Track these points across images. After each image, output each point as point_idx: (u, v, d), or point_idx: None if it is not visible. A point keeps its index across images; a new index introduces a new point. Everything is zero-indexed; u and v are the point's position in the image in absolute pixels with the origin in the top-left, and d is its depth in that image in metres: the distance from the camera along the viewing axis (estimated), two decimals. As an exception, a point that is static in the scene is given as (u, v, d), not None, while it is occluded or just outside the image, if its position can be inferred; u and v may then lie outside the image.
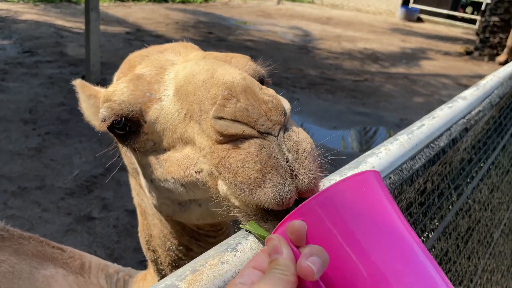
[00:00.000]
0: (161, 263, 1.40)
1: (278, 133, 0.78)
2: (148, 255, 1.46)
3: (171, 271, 1.37)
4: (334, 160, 0.95)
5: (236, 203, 0.80)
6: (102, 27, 9.73)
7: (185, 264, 1.31)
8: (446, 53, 14.83)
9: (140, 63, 1.14)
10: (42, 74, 7.59)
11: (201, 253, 1.28)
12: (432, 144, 1.55)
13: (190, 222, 1.19)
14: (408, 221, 1.33)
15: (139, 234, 1.49)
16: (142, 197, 1.34)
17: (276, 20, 17.09)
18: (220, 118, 0.78)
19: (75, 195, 4.30)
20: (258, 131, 0.77)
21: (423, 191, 1.43)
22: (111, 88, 1.04)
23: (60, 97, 6.71)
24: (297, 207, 0.64)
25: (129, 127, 1.01)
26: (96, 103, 1.35)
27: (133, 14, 14.23)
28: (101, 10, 11.29)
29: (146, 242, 1.44)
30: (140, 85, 1.01)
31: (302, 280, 0.59)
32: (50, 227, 3.80)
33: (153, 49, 1.22)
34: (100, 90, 1.40)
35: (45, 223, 3.84)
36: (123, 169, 4.83)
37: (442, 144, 1.61)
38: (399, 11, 22.97)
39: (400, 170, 1.33)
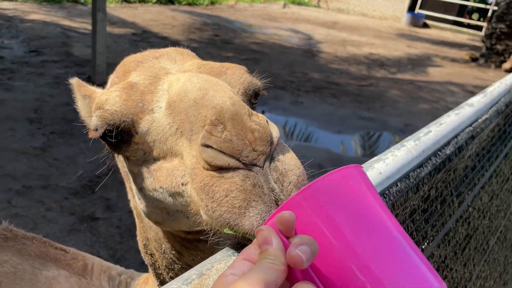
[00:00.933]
0: (158, 267, 1.40)
1: (264, 164, 0.78)
2: (146, 259, 1.46)
3: (167, 274, 1.37)
4: (337, 165, 0.95)
5: (220, 229, 0.81)
6: (108, 28, 9.77)
7: (179, 268, 1.31)
8: (452, 60, 14.80)
9: (134, 70, 1.13)
10: (48, 74, 7.63)
11: (192, 261, 1.27)
12: (439, 152, 1.54)
13: (180, 230, 1.17)
14: (410, 228, 1.32)
15: (138, 238, 1.48)
16: (136, 200, 1.31)
17: (282, 23, 17.12)
18: (207, 146, 0.79)
19: (79, 195, 4.31)
20: (243, 163, 0.77)
21: (427, 198, 1.42)
22: (104, 95, 1.03)
23: (66, 97, 6.74)
24: (284, 202, 0.65)
25: (121, 136, 1.01)
26: (90, 104, 1.34)
27: (140, 15, 14.29)
28: (108, 11, 11.35)
29: (144, 245, 1.43)
30: (133, 94, 1.01)
31: (292, 270, 0.60)
32: (53, 226, 3.81)
33: (148, 54, 1.21)
34: (96, 91, 1.39)
35: (48, 222, 3.85)
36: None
37: (448, 152, 1.60)
38: (405, 17, 22.96)
39: (407, 178, 1.32)
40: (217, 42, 11.99)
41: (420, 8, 23.32)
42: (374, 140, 7.35)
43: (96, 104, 1.03)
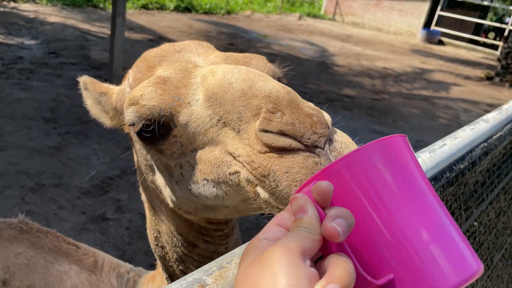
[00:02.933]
0: (169, 260, 1.42)
1: (324, 146, 0.80)
2: (156, 251, 1.48)
3: (178, 267, 1.39)
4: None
5: (281, 206, 0.82)
6: (126, 33, 9.93)
7: (190, 261, 1.34)
8: (467, 77, 14.72)
9: (159, 64, 1.15)
10: (66, 75, 7.77)
11: (207, 249, 1.30)
12: (453, 166, 1.55)
13: (208, 218, 1.20)
14: None
15: (148, 231, 1.50)
16: (150, 192, 1.34)
17: (297, 35, 17.22)
18: (266, 131, 0.81)
19: (91, 195, 4.36)
20: (305, 145, 0.79)
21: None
22: (137, 91, 1.03)
23: (82, 98, 6.84)
24: (323, 168, 0.64)
25: (158, 130, 1.01)
26: (109, 101, 1.34)
27: (157, 22, 14.50)
28: (126, 17, 11.54)
29: (155, 238, 1.45)
30: (168, 89, 1.01)
31: (326, 241, 0.58)
32: (64, 224, 3.86)
33: (169, 48, 1.22)
34: (111, 87, 1.39)
35: (60, 220, 3.90)
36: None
37: (462, 166, 1.61)
38: (420, 33, 22.94)
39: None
40: (232, 50, 12.07)
41: (436, 25, 23.29)
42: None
43: (130, 100, 1.04)
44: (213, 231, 1.29)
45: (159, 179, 1.16)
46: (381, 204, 0.60)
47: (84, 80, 1.40)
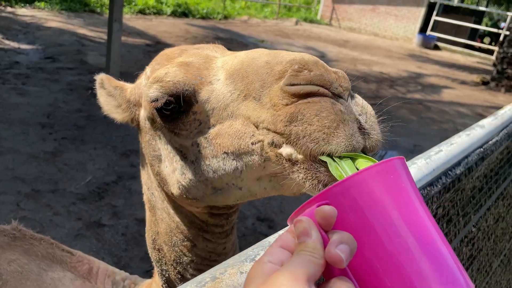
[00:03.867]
0: (165, 263, 1.43)
1: (347, 98, 0.85)
2: (153, 255, 1.48)
3: (174, 269, 1.40)
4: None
5: (302, 158, 0.84)
6: (123, 38, 9.92)
7: (188, 261, 1.35)
8: (463, 82, 14.78)
9: (180, 56, 1.20)
10: (62, 80, 7.75)
11: (205, 248, 1.31)
12: (449, 172, 1.55)
13: (222, 204, 1.20)
14: None
15: (146, 234, 1.51)
16: (152, 191, 1.37)
17: (294, 40, 17.27)
18: (293, 84, 0.84)
19: (87, 201, 4.34)
20: (332, 93, 0.83)
21: (434, 216, 1.43)
22: (162, 70, 1.09)
23: (78, 103, 6.83)
24: (322, 191, 0.64)
25: (179, 106, 1.06)
26: (122, 93, 1.40)
27: (154, 27, 14.51)
28: (123, 22, 11.54)
29: (153, 240, 1.46)
30: (190, 70, 1.08)
31: (329, 265, 0.59)
32: (60, 230, 3.83)
33: (187, 46, 1.29)
34: (125, 84, 1.47)
35: (55, 226, 3.88)
36: (135, 177, 4.87)
37: (458, 172, 1.61)
38: (416, 38, 23.05)
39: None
40: (229, 55, 12.10)
41: (432, 30, 23.42)
42: (378, 159, 7.31)
43: (154, 78, 1.09)
44: (213, 227, 1.31)
45: (166, 168, 1.19)
46: (379, 229, 0.61)
47: (101, 77, 1.46)
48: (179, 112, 1.07)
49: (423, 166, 1.38)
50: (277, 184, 0.97)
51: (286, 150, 0.86)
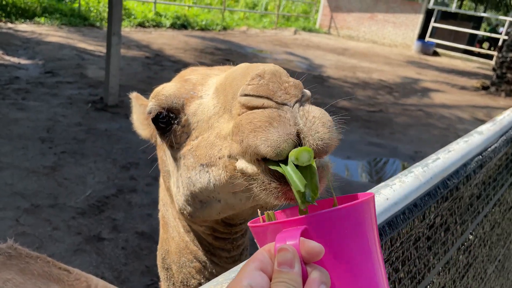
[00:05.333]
0: (173, 284, 1.42)
1: (294, 105, 0.83)
2: (162, 274, 1.49)
3: None
4: (346, 191, 0.95)
5: (245, 159, 0.85)
6: (122, 51, 9.98)
7: (195, 284, 1.34)
8: (462, 87, 14.79)
9: (189, 74, 1.26)
10: (62, 95, 7.77)
11: (214, 272, 1.30)
12: (447, 181, 1.53)
13: (211, 218, 1.20)
14: (413, 255, 1.31)
15: (157, 252, 1.52)
16: (167, 207, 1.39)
17: (293, 49, 17.34)
18: (246, 95, 0.85)
19: (86, 215, 4.32)
20: (276, 102, 0.82)
21: (432, 226, 1.41)
22: (160, 86, 1.18)
23: (78, 117, 6.84)
24: (302, 216, 0.64)
25: (170, 119, 1.11)
26: (144, 110, 1.46)
27: (153, 39, 14.60)
28: (123, 35, 11.61)
29: (162, 259, 1.46)
30: (186, 85, 1.14)
31: None
32: (59, 245, 3.80)
33: (199, 67, 1.35)
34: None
35: (54, 241, 3.85)
36: (135, 190, 4.85)
37: (456, 180, 1.59)
38: (415, 44, 23.14)
39: (414, 206, 1.31)
40: (228, 65, 12.14)
41: (430, 36, 23.51)
42: (381, 166, 7.29)
43: (153, 93, 1.17)
44: (220, 251, 1.31)
45: (172, 182, 1.22)
46: (338, 264, 0.64)
47: (133, 95, 1.55)
48: (171, 125, 1.11)
49: (420, 174, 1.36)
50: (250, 196, 0.97)
51: (239, 163, 0.88)
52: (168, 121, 1.12)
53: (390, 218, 1.19)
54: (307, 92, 0.90)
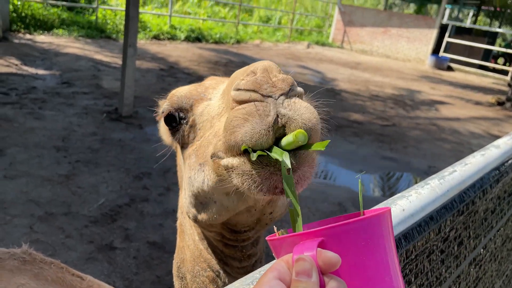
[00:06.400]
0: None
1: (278, 97, 0.84)
2: (176, 283, 1.50)
3: None
4: (358, 205, 0.95)
5: (228, 154, 0.88)
6: (137, 63, 10.13)
7: None
8: (477, 103, 14.65)
9: (207, 81, 1.32)
10: (78, 105, 7.90)
11: (226, 282, 1.30)
12: (463, 194, 1.52)
13: (211, 221, 1.21)
14: (426, 268, 1.29)
15: (173, 261, 1.53)
16: (184, 215, 1.41)
17: (305, 63, 17.41)
18: (238, 90, 0.87)
19: (99, 224, 4.34)
20: (261, 94, 0.84)
21: (446, 239, 1.39)
22: (175, 90, 1.26)
23: (93, 127, 6.93)
24: (313, 230, 0.65)
25: (180, 118, 1.17)
26: None
27: (168, 52, 14.80)
28: (138, 47, 11.80)
29: (177, 268, 1.48)
30: (199, 88, 1.21)
31: None
32: (72, 253, 3.82)
33: (222, 78, 1.40)
34: None
35: (67, 249, 3.88)
36: (147, 200, 4.85)
37: (472, 195, 1.57)
38: (428, 59, 23.05)
39: (430, 218, 1.30)
40: (241, 79, 12.21)
41: (445, 51, 23.41)
42: (394, 181, 7.22)
43: (169, 95, 1.24)
44: (231, 260, 1.31)
45: (186, 180, 1.23)
46: (355, 276, 0.64)
47: (162, 103, 1.60)
48: (181, 124, 1.18)
49: (436, 186, 1.35)
50: (241, 197, 1.00)
51: (224, 160, 0.91)
52: (178, 121, 1.18)
53: (406, 230, 1.18)
54: (299, 89, 0.92)
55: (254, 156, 0.81)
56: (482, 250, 1.74)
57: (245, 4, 24.97)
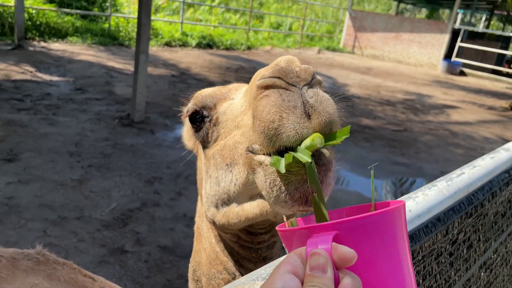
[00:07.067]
0: None
1: (302, 87, 0.89)
2: (191, 286, 1.51)
3: None
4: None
5: (263, 150, 0.91)
6: (149, 69, 10.25)
7: None
8: (490, 108, 14.48)
9: (230, 84, 1.36)
10: (91, 111, 8.01)
11: None
12: (471, 197, 1.51)
13: (230, 226, 1.22)
14: (435, 270, 1.29)
15: (189, 264, 1.55)
16: (202, 218, 1.43)
17: (316, 68, 17.22)
18: (263, 78, 0.92)
19: (111, 228, 4.39)
20: (286, 82, 0.88)
21: (455, 241, 1.38)
22: (200, 90, 1.30)
23: (105, 132, 7.03)
24: (328, 223, 0.65)
25: (204, 117, 1.20)
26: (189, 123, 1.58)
27: (179, 58, 14.94)
28: (150, 54, 11.94)
29: (193, 271, 1.49)
30: (222, 89, 1.26)
31: None
32: (84, 257, 3.87)
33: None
34: None
35: (80, 253, 3.93)
36: (158, 204, 4.91)
37: (481, 197, 1.56)
38: (441, 64, 22.87)
39: (437, 220, 1.30)
40: (252, 84, 12.26)
41: (457, 56, 23.21)
42: (407, 186, 7.16)
43: (194, 96, 1.29)
44: (247, 262, 1.32)
45: (206, 185, 1.25)
46: (369, 270, 0.64)
47: (184, 110, 1.63)
48: (204, 122, 1.20)
49: (444, 188, 1.35)
50: (262, 204, 1.01)
51: (258, 157, 0.93)
52: (202, 119, 1.20)
53: (412, 231, 1.18)
54: (318, 77, 0.96)
55: (283, 168, 0.83)
56: (492, 254, 1.73)
57: (256, 11, 25.11)
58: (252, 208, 1.04)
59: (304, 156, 0.80)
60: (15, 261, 1.76)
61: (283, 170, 0.83)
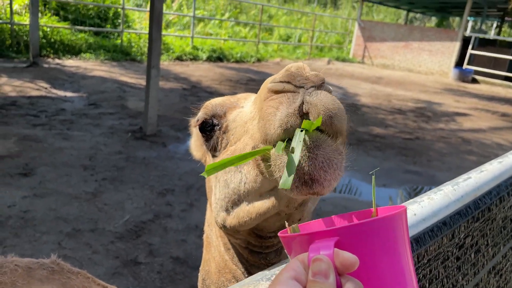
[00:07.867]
0: None
1: (309, 88, 0.91)
2: None
3: None
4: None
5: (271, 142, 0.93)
6: (161, 83, 10.39)
7: None
8: (503, 115, 14.31)
9: (240, 94, 1.40)
10: (104, 125, 8.14)
11: None
12: (478, 201, 1.52)
13: (241, 227, 1.22)
14: (441, 274, 1.29)
15: (199, 274, 1.56)
16: (211, 227, 1.44)
17: (326, 78, 17.28)
18: (273, 82, 0.95)
19: (124, 239, 4.44)
20: (294, 85, 0.91)
21: (462, 246, 1.39)
22: (210, 100, 1.33)
23: (119, 146, 7.13)
24: (329, 228, 0.66)
25: (214, 125, 1.23)
26: (198, 133, 1.59)
27: (190, 72, 15.12)
28: (161, 68, 12.11)
29: (202, 280, 1.50)
30: (232, 98, 1.30)
31: None
32: (98, 268, 3.92)
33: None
34: None
35: (94, 264, 3.97)
36: (171, 216, 4.95)
37: (488, 201, 1.56)
38: (452, 72, 22.72)
39: (443, 224, 1.31)
40: (262, 96, 12.33)
41: (468, 63, 23.04)
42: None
43: (203, 105, 1.32)
44: (255, 269, 1.32)
45: (215, 191, 1.26)
46: (371, 276, 0.64)
47: (191, 121, 1.66)
48: (214, 131, 1.23)
49: (449, 192, 1.36)
50: (272, 198, 1.03)
51: (258, 135, 0.98)
52: (212, 128, 1.23)
53: (417, 234, 1.19)
54: (329, 86, 0.98)
55: (280, 150, 0.87)
56: (502, 259, 1.72)
57: (265, 24, 25.34)
58: (263, 203, 1.06)
59: (284, 144, 0.86)
60: (31, 271, 1.81)
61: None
